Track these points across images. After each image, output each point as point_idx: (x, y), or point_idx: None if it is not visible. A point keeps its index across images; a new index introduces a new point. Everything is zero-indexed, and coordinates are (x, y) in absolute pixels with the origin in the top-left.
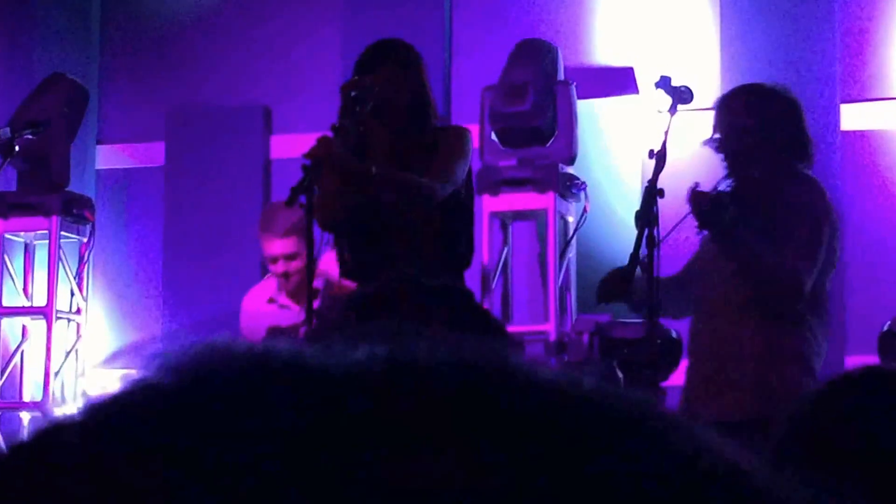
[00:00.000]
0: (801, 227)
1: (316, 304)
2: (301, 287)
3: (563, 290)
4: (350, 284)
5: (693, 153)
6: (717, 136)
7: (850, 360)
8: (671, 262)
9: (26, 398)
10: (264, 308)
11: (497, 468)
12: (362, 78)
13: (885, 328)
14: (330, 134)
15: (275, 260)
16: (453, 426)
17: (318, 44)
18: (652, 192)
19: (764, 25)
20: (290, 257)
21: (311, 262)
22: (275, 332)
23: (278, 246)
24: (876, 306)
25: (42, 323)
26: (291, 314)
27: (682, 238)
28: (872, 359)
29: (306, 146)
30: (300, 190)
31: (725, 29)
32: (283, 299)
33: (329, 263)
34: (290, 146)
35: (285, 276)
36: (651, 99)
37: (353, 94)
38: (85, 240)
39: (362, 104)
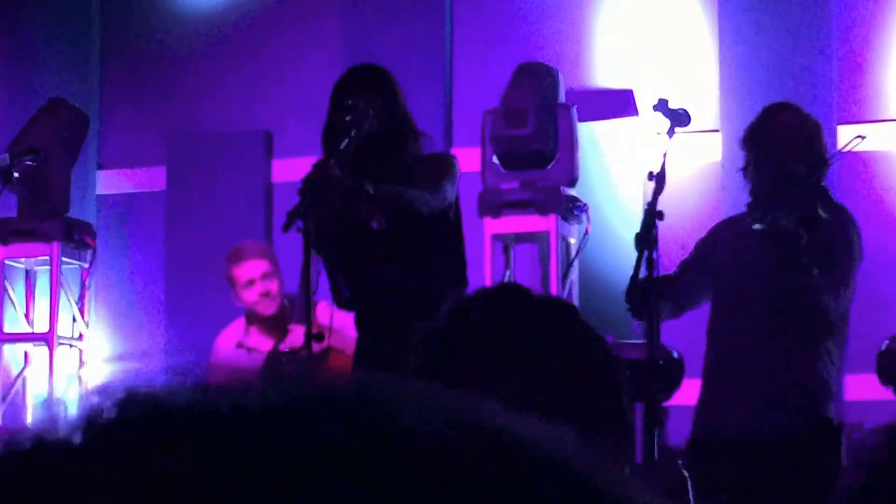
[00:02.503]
0: (841, 260)
1: (290, 344)
2: (281, 315)
3: None
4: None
5: (692, 175)
6: (753, 161)
7: (849, 378)
8: None
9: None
10: (233, 354)
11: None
12: (356, 102)
13: (884, 347)
14: (325, 158)
15: (252, 282)
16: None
17: (318, 68)
18: (651, 214)
19: (761, 48)
20: (266, 275)
21: (308, 285)
22: (275, 356)
23: (254, 267)
24: (874, 326)
25: (44, 349)
26: (257, 359)
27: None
28: (871, 378)
29: (308, 170)
30: (297, 215)
31: (723, 52)
32: (252, 341)
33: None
34: (292, 170)
35: (266, 295)
36: (650, 121)
37: (347, 118)
38: (86, 265)
39: (357, 128)
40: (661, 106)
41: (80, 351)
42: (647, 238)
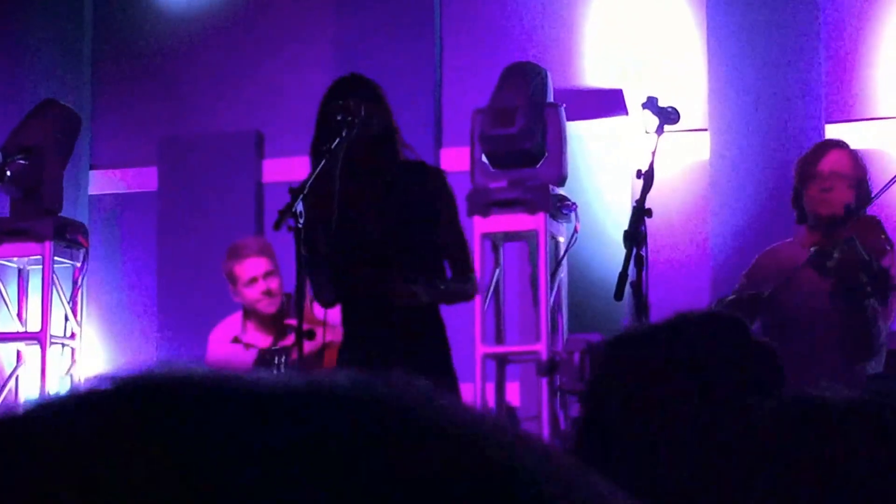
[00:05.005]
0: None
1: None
2: (280, 312)
3: (555, 309)
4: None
5: (680, 173)
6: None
7: None
8: (660, 281)
9: None
10: (229, 349)
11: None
12: (346, 102)
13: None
14: (315, 158)
15: (254, 280)
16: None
17: (309, 68)
18: (640, 212)
19: (750, 47)
20: (268, 274)
21: (302, 285)
22: (266, 354)
23: (256, 264)
24: None
25: (36, 348)
26: (254, 354)
27: (670, 259)
28: None
29: (298, 170)
30: (287, 213)
31: (712, 50)
32: (249, 337)
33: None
34: (283, 170)
35: (268, 293)
36: (639, 120)
37: (339, 117)
38: (78, 265)
39: (349, 128)
40: (651, 104)
41: (73, 350)
42: (635, 235)
